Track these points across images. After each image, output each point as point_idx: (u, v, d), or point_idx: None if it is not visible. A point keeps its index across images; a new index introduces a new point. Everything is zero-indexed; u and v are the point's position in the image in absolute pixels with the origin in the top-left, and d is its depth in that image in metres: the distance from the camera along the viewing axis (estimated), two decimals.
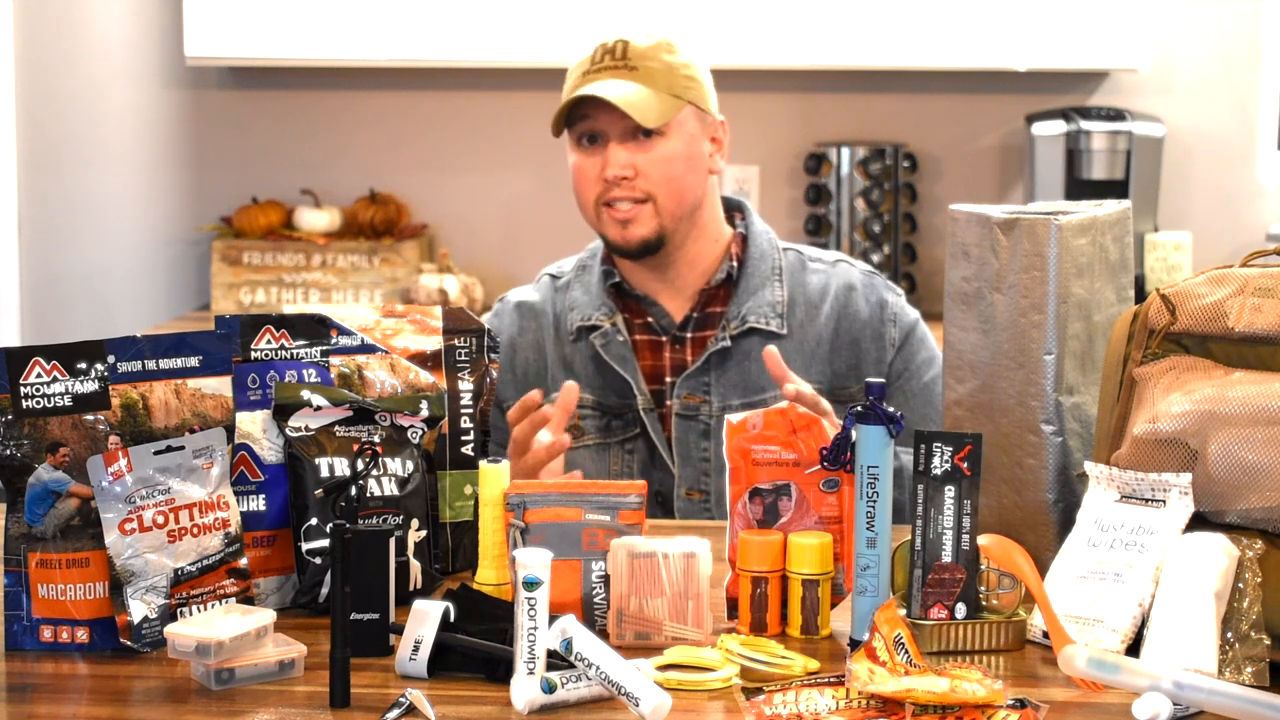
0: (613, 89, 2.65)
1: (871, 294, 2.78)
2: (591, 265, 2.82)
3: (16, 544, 1.98)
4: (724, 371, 2.72)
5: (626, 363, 2.73)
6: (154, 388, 2.04)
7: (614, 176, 2.69)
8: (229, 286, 4.57)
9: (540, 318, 2.81)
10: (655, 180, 2.69)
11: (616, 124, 2.68)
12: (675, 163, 2.69)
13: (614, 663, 1.76)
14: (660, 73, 2.69)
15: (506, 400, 2.76)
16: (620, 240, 2.72)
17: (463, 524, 2.24)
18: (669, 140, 2.69)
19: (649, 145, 2.69)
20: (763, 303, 2.74)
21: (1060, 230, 2.08)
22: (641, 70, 2.68)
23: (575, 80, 2.71)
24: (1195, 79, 4.60)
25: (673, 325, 2.76)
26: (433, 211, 4.75)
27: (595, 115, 2.69)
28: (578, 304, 2.78)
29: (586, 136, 2.71)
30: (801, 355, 2.72)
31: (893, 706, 1.75)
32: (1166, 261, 4.41)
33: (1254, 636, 1.85)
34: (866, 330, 2.75)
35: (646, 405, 2.72)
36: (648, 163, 2.69)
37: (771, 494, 2.05)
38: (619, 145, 2.68)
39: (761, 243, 2.79)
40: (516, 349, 2.80)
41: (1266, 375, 1.92)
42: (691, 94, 2.71)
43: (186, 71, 4.71)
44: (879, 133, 4.65)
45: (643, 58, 2.68)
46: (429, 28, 4.42)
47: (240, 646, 1.86)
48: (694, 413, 2.72)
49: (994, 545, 1.95)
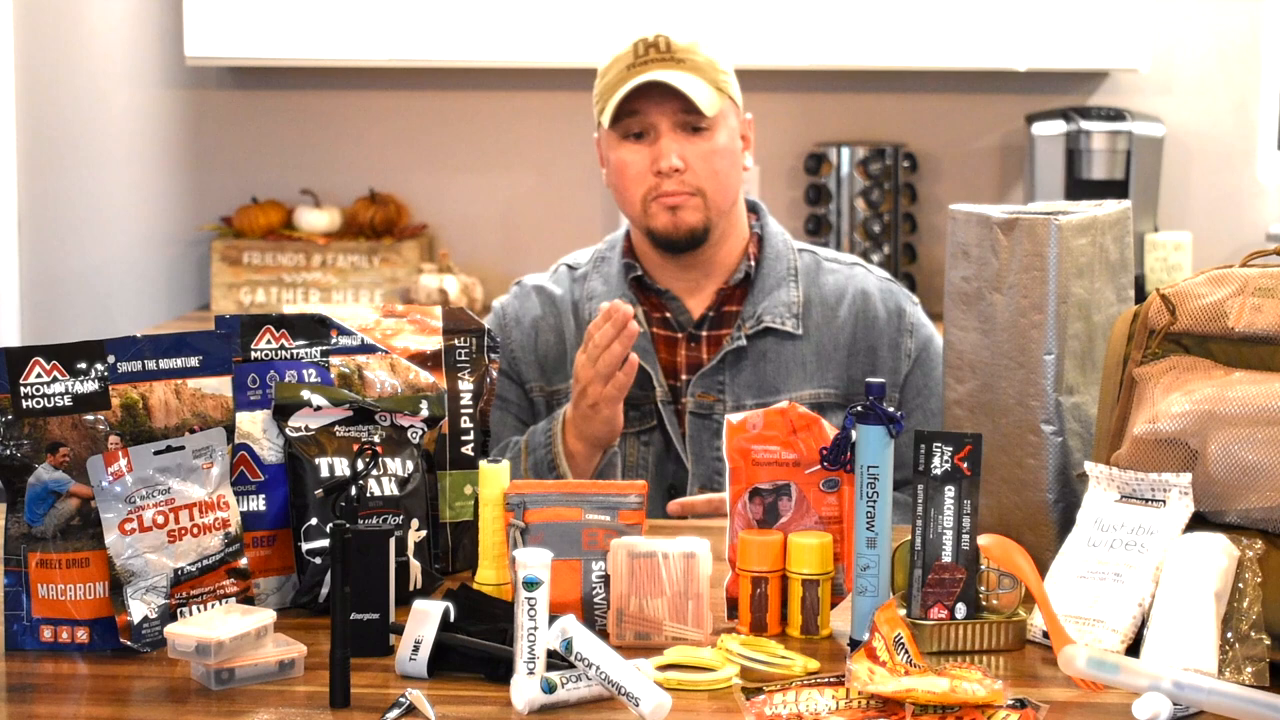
0: (669, 76, 2.64)
1: (890, 300, 2.77)
2: (610, 257, 2.80)
3: (16, 544, 1.98)
4: (739, 371, 2.72)
5: (647, 354, 2.72)
6: (154, 388, 2.04)
7: (668, 168, 2.66)
8: (229, 286, 4.57)
9: (559, 305, 2.80)
10: (704, 174, 2.68)
11: (668, 116, 2.67)
12: (723, 157, 2.69)
13: (614, 663, 1.76)
14: (704, 66, 2.69)
15: (529, 381, 2.77)
16: (670, 228, 2.69)
17: (463, 524, 2.24)
18: (717, 134, 2.69)
19: (699, 139, 2.68)
20: (778, 303, 2.73)
21: (1060, 230, 2.08)
22: (688, 63, 2.67)
23: (619, 74, 2.68)
24: (1195, 79, 4.60)
25: (690, 322, 2.76)
26: (433, 211, 4.75)
27: (645, 109, 2.67)
28: (597, 294, 2.77)
29: (633, 132, 2.70)
30: (818, 357, 2.72)
31: (893, 706, 1.75)
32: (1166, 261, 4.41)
33: (1254, 636, 1.85)
34: (884, 338, 2.74)
35: (664, 398, 2.72)
36: (698, 156, 2.67)
37: (771, 494, 2.05)
38: (671, 137, 2.67)
39: (777, 243, 2.79)
40: (539, 331, 2.79)
41: (1266, 375, 1.92)
42: (730, 89, 2.72)
43: (186, 71, 4.71)
44: (879, 133, 4.65)
45: (686, 51, 2.68)
46: (429, 28, 4.42)
47: (240, 646, 1.86)
48: (708, 411, 2.71)
49: (994, 545, 1.95)
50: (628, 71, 2.67)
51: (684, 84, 2.64)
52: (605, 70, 2.72)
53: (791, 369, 2.72)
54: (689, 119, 2.67)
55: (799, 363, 2.72)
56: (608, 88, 2.70)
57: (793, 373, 2.71)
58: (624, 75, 2.67)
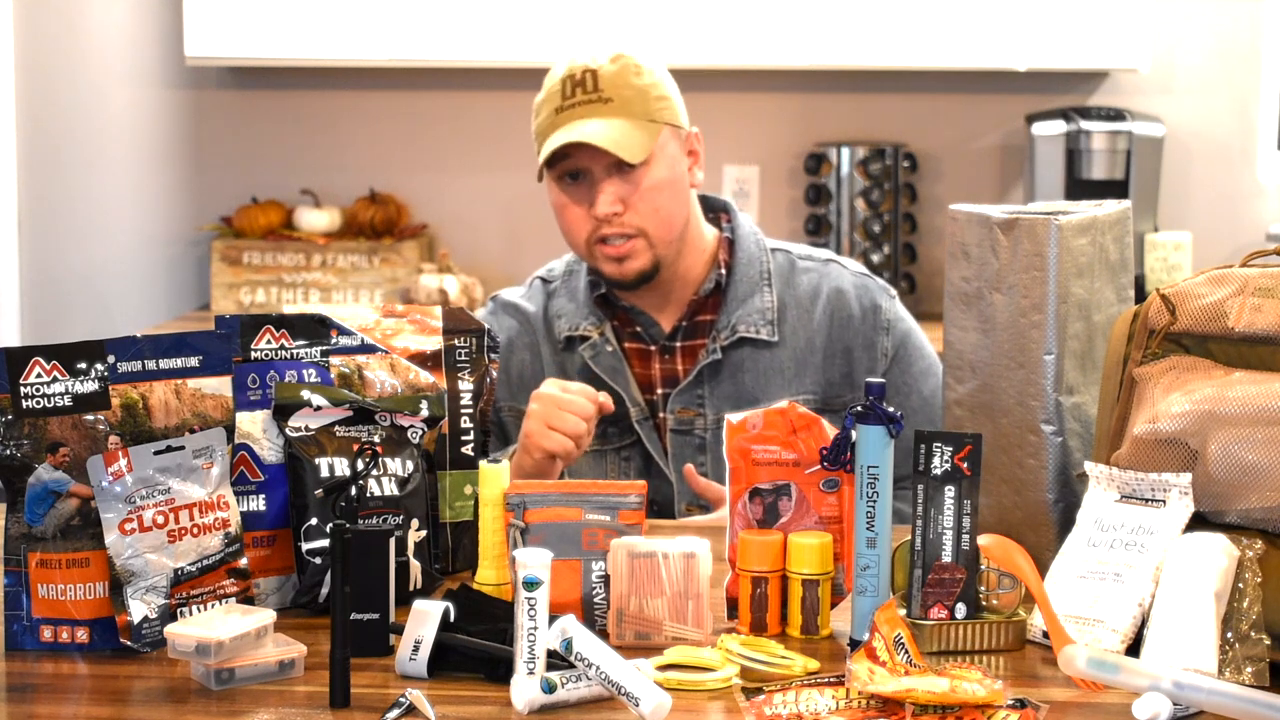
0: (592, 129, 2.59)
1: (865, 297, 2.74)
2: (578, 271, 2.77)
3: (16, 544, 1.98)
4: (717, 384, 2.70)
5: (618, 374, 2.70)
6: (154, 388, 2.04)
7: (604, 214, 2.62)
8: (229, 286, 4.57)
9: (533, 322, 2.78)
10: (644, 213, 2.63)
11: (600, 159, 2.61)
12: (662, 192, 2.64)
13: (614, 663, 1.76)
14: (634, 100, 2.62)
15: (500, 401, 2.75)
16: (617, 275, 2.67)
17: (463, 524, 2.24)
18: (653, 169, 2.63)
19: (634, 177, 2.62)
20: (752, 311, 2.70)
21: (1060, 230, 2.08)
22: (616, 101, 2.61)
23: (547, 118, 2.64)
24: (1195, 79, 4.60)
25: (661, 335, 2.73)
26: (433, 211, 4.75)
27: (576, 154, 2.62)
28: (564, 312, 2.75)
29: (568, 174, 2.65)
30: (795, 363, 2.70)
31: (893, 706, 1.75)
32: (1166, 261, 4.41)
33: (1254, 636, 1.85)
34: (858, 338, 2.72)
35: (640, 416, 2.70)
36: (636, 197, 2.63)
37: (771, 494, 2.05)
38: (605, 181, 2.62)
39: (749, 246, 2.75)
40: (513, 349, 2.77)
41: (1266, 375, 1.92)
42: (666, 115, 2.65)
43: (186, 71, 4.71)
44: (879, 133, 4.65)
45: (614, 86, 2.61)
46: (429, 28, 4.42)
47: (240, 646, 1.86)
48: (689, 427, 2.70)
49: (994, 545, 1.95)
50: (556, 115, 2.62)
51: (609, 134, 2.58)
52: (538, 107, 2.67)
53: (770, 377, 2.70)
54: (620, 160, 2.61)
55: (777, 370, 2.70)
56: (540, 130, 2.66)
57: (771, 380, 2.69)
58: (553, 120, 2.63)
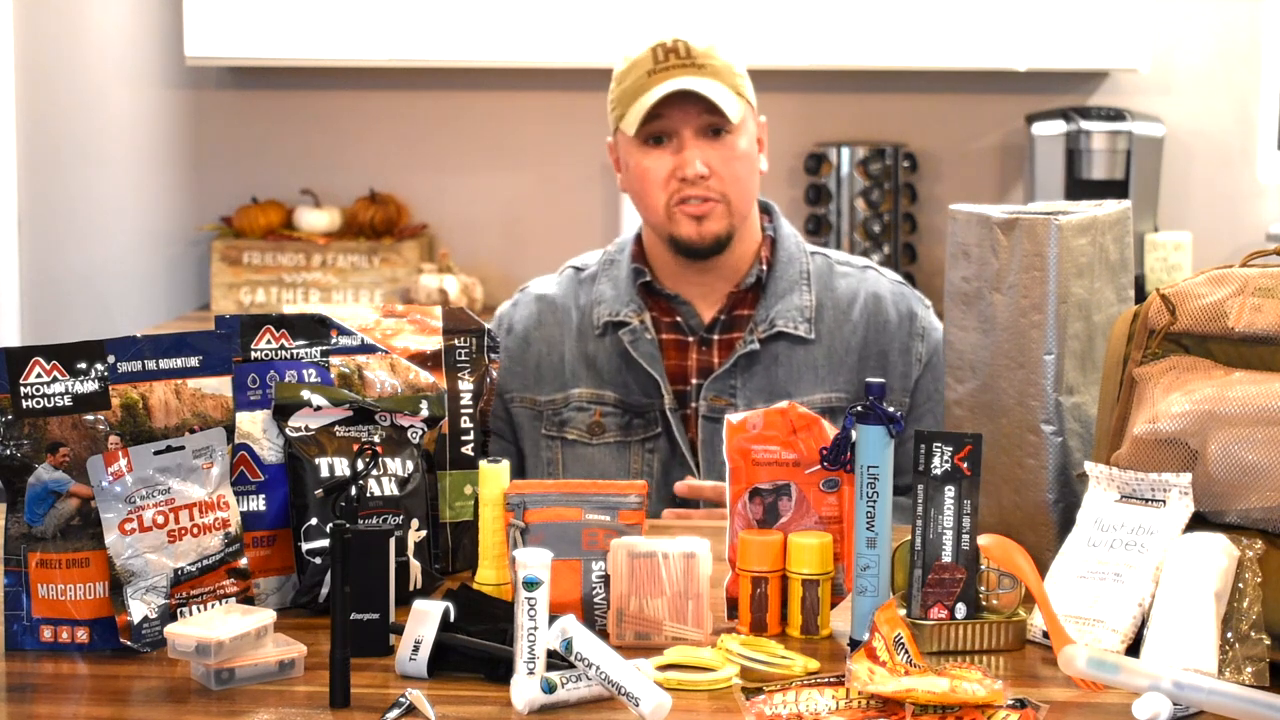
0: (695, 84, 2.64)
1: (902, 304, 2.76)
2: (620, 260, 2.79)
3: (16, 544, 1.98)
4: (751, 375, 2.71)
5: (655, 361, 2.71)
6: (154, 388, 2.04)
7: (694, 175, 2.66)
8: (229, 286, 4.57)
9: (560, 313, 2.78)
10: (728, 179, 2.67)
11: (691, 122, 2.66)
12: (744, 162, 2.69)
13: (614, 663, 1.76)
14: (725, 71, 2.68)
15: (511, 391, 2.76)
16: (695, 237, 2.69)
17: (463, 524, 2.24)
18: (738, 139, 2.68)
19: (721, 144, 2.67)
20: (791, 307, 2.72)
21: (1060, 230, 2.08)
22: (708, 68, 2.66)
23: (638, 79, 2.67)
24: (1195, 79, 4.60)
25: (700, 326, 2.75)
26: (433, 211, 4.75)
27: (668, 115, 2.66)
28: (605, 298, 2.76)
29: (653, 137, 2.69)
30: (830, 361, 2.71)
31: (893, 706, 1.75)
32: (1166, 261, 4.41)
33: (1254, 636, 1.85)
34: (895, 343, 2.74)
35: (671, 405, 2.71)
36: (722, 161, 2.67)
37: (771, 494, 2.05)
38: (695, 144, 2.66)
39: (790, 246, 2.78)
40: (530, 342, 2.78)
41: (1266, 375, 1.92)
42: (748, 93, 2.72)
43: (186, 71, 4.71)
44: (879, 133, 4.65)
45: (705, 56, 2.67)
46: (429, 28, 4.42)
47: (240, 646, 1.86)
48: (720, 415, 2.70)
49: (994, 545, 1.95)
50: (649, 78, 2.66)
51: (710, 91, 2.63)
52: (622, 75, 2.70)
53: (803, 373, 2.71)
54: (712, 124, 2.66)
55: (810, 367, 2.71)
56: (627, 94, 2.68)
57: (804, 377, 2.71)
58: (645, 81, 2.66)
